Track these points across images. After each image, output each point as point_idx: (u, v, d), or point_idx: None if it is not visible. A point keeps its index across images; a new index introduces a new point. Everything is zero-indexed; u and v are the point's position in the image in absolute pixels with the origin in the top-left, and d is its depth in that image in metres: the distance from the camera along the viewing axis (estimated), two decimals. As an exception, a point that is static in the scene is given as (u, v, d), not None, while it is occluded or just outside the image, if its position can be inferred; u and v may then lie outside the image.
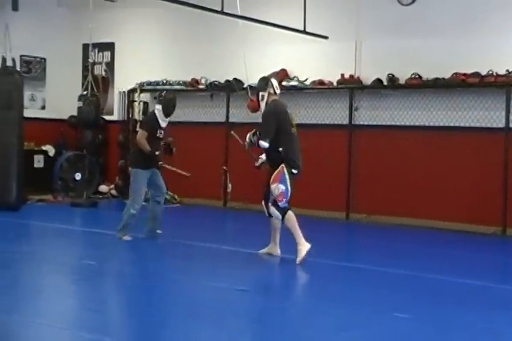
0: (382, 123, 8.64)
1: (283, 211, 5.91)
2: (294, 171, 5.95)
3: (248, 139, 6.10)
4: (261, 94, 6.08)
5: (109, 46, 10.91)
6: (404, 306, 4.65)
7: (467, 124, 8.08)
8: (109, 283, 5.46)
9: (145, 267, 5.83)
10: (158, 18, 10.42)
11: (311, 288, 5.18)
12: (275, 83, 6.14)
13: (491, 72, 7.80)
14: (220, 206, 9.43)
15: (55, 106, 10.84)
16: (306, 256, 5.85)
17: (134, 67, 10.57)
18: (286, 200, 5.93)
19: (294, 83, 9.02)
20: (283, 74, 9.13)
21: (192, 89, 9.88)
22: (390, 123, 8.58)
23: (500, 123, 7.86)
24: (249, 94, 6.26)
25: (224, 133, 9.39)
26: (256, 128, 6.11)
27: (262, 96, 6.07)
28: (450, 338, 4.03)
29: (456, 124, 8.14)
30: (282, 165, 5.92)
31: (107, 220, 6.76)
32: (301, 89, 9.05)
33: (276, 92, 6.11)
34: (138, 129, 7.14)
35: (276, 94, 6.12)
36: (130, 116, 10.43)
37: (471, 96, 8.03)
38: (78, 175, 10.12)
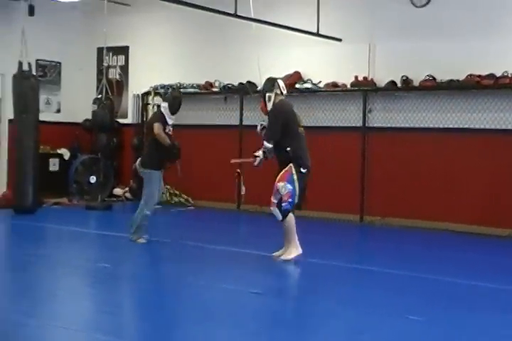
0: (396, 125, 8.62)
1: (284, 213, 5.90)
2: (302, 170, 5.94)
3: (261, 154, 6.03)
4: (268, 95, 6.06)
5: (124, 50, 10.99)
6: (418, 309, 4.63)
7: (481, 126, 8.03)
8: (123, 285, 5.50)
9: (159, 270, 5.86)
10: (172, 22, 10.47)
11: (324, 291, 5.17)
12: (282, 84, 6.12)
13: (505, 74, 7.76)
14: (233, 209, 9.45)
15: (70, 110, 10.93)
16: (293, 260, 5.88)
17: (148, 70, 10.62)
18: (292, 201, 5.91)
19: (307, 85, 9.02)
20: (296, 77, 9.14)
21: (206, 92, 9.91)
22: (404, 125, 8.55)
23: (515, 125, 7.83)
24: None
25: (238, 135, 9.42)
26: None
27: (269, 97, 6.05)
28: (465, 341, 4.03)
29: (470, 126, 8.10)
30: (290, 164, 5.91)
31: (121, 223, 6.79)
32: (314, 92, 9.05)
33: (282, 93, 6.09)
34: (147, 127, 7.11)
35: (282, 95, 6.10)
36: (144, 119, 10.48)
37: (486, 97, 7.99)
38: (93, 178, 10.18)
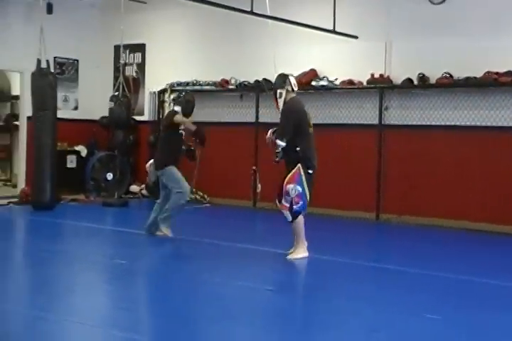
0: (412, 123, 8.58)
1: (295, 214, 5.89)
2: (309, 171, 5.91)
3: (271, 141, 6.01)
4: (279, 91, 6.02)
5: (140, 47, 11.03)
6: (434, 307, 4.62)
7: (499, 124, 7.97)
8: (139, 282, 5.54)
9: (175, 266, 5.89)
10: (188, 19, 10.49)
11: (340, 288, 5.18)
12: (293, 80, 6.07)
13: (524, 71, 7.70)
14: (249, 206, 9.47)
15: (87, 107, 11.00)
16: (297, 260, 5.89)
17: (165, 67, 10.66)
18: (303, 203, 5.90)
19: (323, 83, 9.01)
20: (312, 74, 9.13)
21: (222, 89, 9.93)
22: (421, 123, 8.51)
23: (534, 123, 7.77)
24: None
25: (254, 133, 9.42)
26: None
27: (280, 93, 6.01)
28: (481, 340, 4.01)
29: (488, 124, 8.04)
30: (299, 165, 5.88)
31: (137, 220, 6.84)
32: (330, 89, 9.03)
33: (294, 90, 6.05)
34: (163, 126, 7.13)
35: (294, 92, 6.07)
36: (160, 116, 10.53)
37: (504, 95, 7.92)
38: (110, 175, 10.25)
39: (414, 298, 4.90)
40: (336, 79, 8.99)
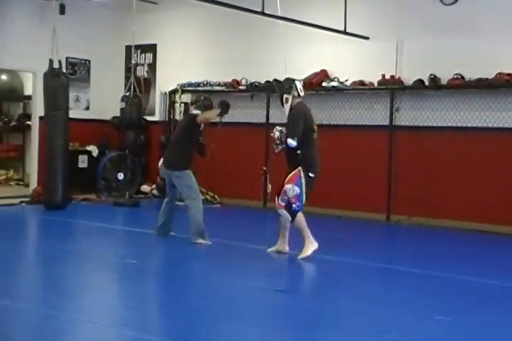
0: (423, 124, 8.56)
1: (293, 214, 5.92)
2: (310, 175, 5.94)
3: (278, 138, 6.07)
4: (285, 96, 6.07)
5: (151, 48, 11.07)
6: (444, 309, 4.61)
7: (511, 125, 7.94)
8: (151, 282, 5.57)
9: (185, 266, 5.91)
10: (199, 20, 10.52)
11: (349, 289, 5.18)
12: (299, 85, 6.11)
13: (536, 72, 7.67)
14: (259, 206, 9.48)
15: (98, 107, 11.05)
16: (311, 255, 5.92)
17: (176, 68, 10.69)
18: (300, 203, 5.94)
19: (334, 84, 9.00)
20: (323, 75, 9.13)
21: (232, 89, 9.95)
22: (432, 124, 8.49)
23: (546, 124, 7.73)
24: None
25: (264, 133, 9.43)
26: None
27: (286, 99, 6.06)
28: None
29: (499, 125, 8.01)
30: (299, 167, 5.92)
31: (148, 220, 6.87)
32: (341, 90, 9.02)
33: (300, 95, 6.08)
34: (181, 127, 7.09)
35: (300, 97, 6.10)
36: (171, 116, 10.57)
37: (516, 96, 7.90)
38: (121, 175, 10.30)
39: (424, 299, 4.90)
40: (347, 80, 8.99)
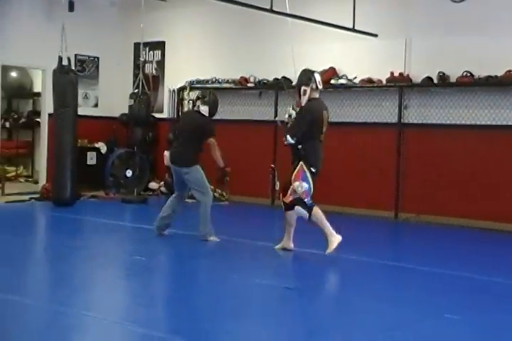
0: (432, 121, 8.53)
1: (309, 209, 5.89)
2: (312, 170, 5.88)
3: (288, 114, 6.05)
4: (303, 88, 5.89)
5: (160, 45, 11.09)
6: (453, 307, 4.60)
7: (521, 123, 7.92)
8: (158, 278, 5.58)
9: (193, 263, 5.92)
10: (208, 17, 10.52)
11: (357, 287, 5.18)
12: (318, 78, 5.95)
13: (545, 70, 7.62)
14: (268, 204, 9.48)
15: (107, 104, 11.08)
16: (335, 250, 5.86)
17: (184, 65, 10.71)
18: (310, 198, 5.91)
19: (342, 81, 8.99)
20: (332, 73, 9.11)
21: (241, 87, 9.95)
22: (440, 121, 8.46)
23: (555, 122, 7.69)
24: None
25: (272, 131, 9.43)
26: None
27: (304, 91, 5.88)
28: (499, 341, 4.00)
29: (509, 123, 7.97)
30: (301, 163, 5.87)
31: (156, 217, 6.87)
32: (350, 88, 9.01)
33: (318, 87, 5.93)
34: (194, 127, 6.84)
35: (317, 90, 5.95)
36: (180, 114, 10.58)
37: (525, 94, 7.86)
38: (129, 172, 10.33)
39: (433, 297, 4.89)
40: (355, 77, 8.97)
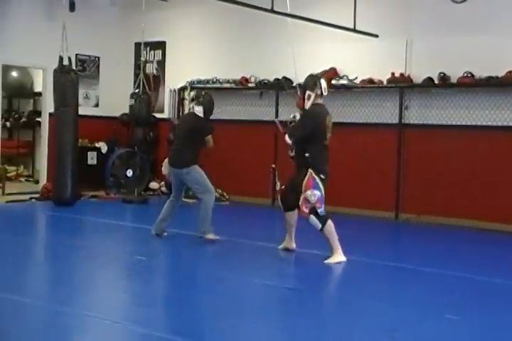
0: (432, 122, 8.53)
1: (322, 220, 5.82)
2: (322, 176, 5.83)
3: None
4: (308, 93, 5.89)
5: (161, 45, 11.09)
6: (453, 308, 4.60)
7: (521, 124, 7.91)
8: (159, 278, 5.58)
9: (193, 263, 5.92)
10: (209, 17, 10.52)
11: (359, 288, 5.17)
12: (324, 84, 5.94)
13: (546, 71, 7.62)
14: (268, 204, 9.48)
15: (108, 104, 11.08)
16: (334, 264, 5.84)
17: (185, 65, 10.70)
18: (324, 206, 5.84)
19: (343, 82, 8.99)
20: (332, 73, 9.11)
21: (241, 87, 9.95)
22: (441, 122, 8.46)
23: (556, 123, 7.68)
24: (298, 92, 6.21)
25: (273, 131, 9.42)
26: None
27: (309, 95, 5.88)
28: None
29: (510, 124, 7.97)
30: (310, 170, 5.81)
31: (156, 217, 6.87)
32: (350, 88, 9.01)
33: (323, 94, 5.93)
34: (190, 128, 6.95)
35: (322, 96, 5.95)
36: (180, 114, 10.58)
37: (526, 95, 7.86)
38: (130, 172, 10.33)
39: (434, 298, 4.89)
40: (356, 77, 8.97)
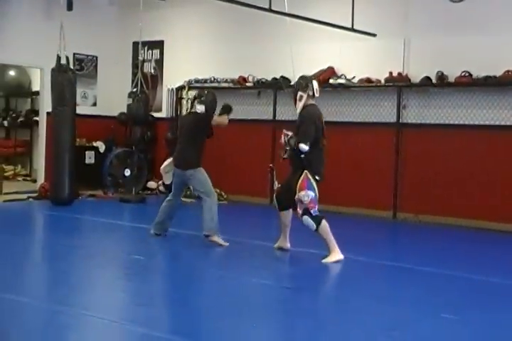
0: (430, 121, 8.53)
1: (317, 220, 5.81)
2: (317, 178, 5.84)
3: (285, 142, 5.89)
4: (300, 94, 5.91)
5: (159, 44, 11.08)
6: (451, 307, 4.61)
7: (519, 123, 7.92)
8: (157, 278, 5.58)
9: (192, 263, 5.92)
10: (207, 17, 10.52)
11: (355, 287, 5.18)
12: (315, 85, 5.96)
13: (544, 70, 7.63)
14: (266, 203, 9.48)
15: (105, 103, 11.07)
16: (332, 263, 5.83)
17: (183, 64, 10.70)
18: (317, 207, 5.85)
19: (341, 81, 8.98)
20: (330, 72, 9.11)
21: (239, 86, 9.95)
22: (439, 121, 8.46)
23: (554, 122, 7.69)
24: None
25: (271, 130, 9.43)
26: (292, 130, 5.95)
27: (301, 96, 5.89)
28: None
29: (507, 123, 7.98)
30: (305, 171, 5.82)
31: (154, 216, 6.87)
32: (348, 87, 9.01)
33: (315, 95, 5.94)
34: (192, 127, 6.80)
35: (314, 97, 5.96)
36: (178, 113, 10.57)
37: (523, 94, 7.87)
38: (127, 171, 10.32)
39: (431, 297, 4.90)
40: (354, 77, 8.97)
